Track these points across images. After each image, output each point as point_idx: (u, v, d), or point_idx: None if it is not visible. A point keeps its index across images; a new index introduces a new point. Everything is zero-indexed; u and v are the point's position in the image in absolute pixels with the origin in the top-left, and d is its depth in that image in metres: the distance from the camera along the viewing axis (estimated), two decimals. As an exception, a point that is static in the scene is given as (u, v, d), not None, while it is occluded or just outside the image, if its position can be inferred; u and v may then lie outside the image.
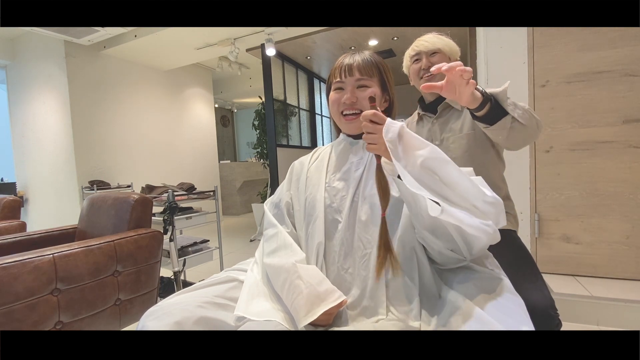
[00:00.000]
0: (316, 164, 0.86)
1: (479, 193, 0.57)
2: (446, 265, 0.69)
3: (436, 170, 0.57)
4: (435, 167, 0.57)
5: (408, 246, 0.68)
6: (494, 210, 0.58)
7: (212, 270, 2.18)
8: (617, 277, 1.71)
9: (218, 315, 0.65)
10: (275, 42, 3.34)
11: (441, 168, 0.57)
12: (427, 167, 0.57)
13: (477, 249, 0.63)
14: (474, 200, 0.57)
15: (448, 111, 1.10)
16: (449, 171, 0.57)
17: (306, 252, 0.76)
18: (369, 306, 0.67)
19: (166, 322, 0.59)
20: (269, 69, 3.75)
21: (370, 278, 0.68)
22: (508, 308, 0.56)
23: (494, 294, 0.59)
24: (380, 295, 0.66)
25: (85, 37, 3.12)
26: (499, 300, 0.57)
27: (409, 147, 0.58)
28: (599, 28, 1.67)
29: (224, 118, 7.69)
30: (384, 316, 0.65)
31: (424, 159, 0.57)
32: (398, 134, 0.58)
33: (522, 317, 0.55)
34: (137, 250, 1.27)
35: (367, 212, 0.71)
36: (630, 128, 1.66)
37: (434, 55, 1.07)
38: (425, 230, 0.62)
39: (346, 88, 0.76)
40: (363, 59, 0.76)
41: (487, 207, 0.58)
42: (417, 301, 0.65)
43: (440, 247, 0.64)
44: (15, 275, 0.95)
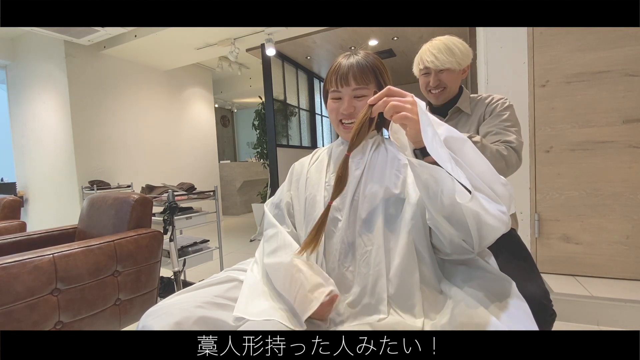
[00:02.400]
0: (316, 165, 0.86)
1: (495, 175, 0.56)
2: (452, 255, 0.67)
3: (455, 151, 0.55)
4: (454, 147, 0.55)
5: (408, 240, 0.68)
6: (507, 194, 0.57)
7: (212, 270, 2.18)
8: (617, 277, 1.71)
9: (218, 315, 0.65)
10: (275, 42, 3.34)
11: (460, 148, 0.55)
12: (448, 147, 0.54)
13: (488, 241, 0.61)
14: (491, 183, 0.55)
15: (457, 115, 1.11)
16: (467, 151, 0.55)
17: None
18: (370, 303, 0.67)
19: (166, 322, 0.59)
20: (269, 69, 3.75)
21: (371, 275, 0.68)
22: (511, 311, 0.55)
23: (498, 296, 0.58)
24: (381, 292, 0.66)
25: (85, 37, 3.12)
26: (503, 304, 0.57)
27: (437, 125, 0.56)
28: (599, 28, 1.67)
29: (224, 118, 7.69)
30: (385, 314, 0.65)
31: (444, 138, 0.54)
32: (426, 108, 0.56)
33: (526, 321, 0.54)
34: (137, 250, 1.27)
35: (368, 210, 0.71)
36: (630, 128, 1.66)
37: (443, 72, 1.06)
38: (441, 216, 0.60)
39: (343, 98, 0.76)
40: (359, 65, 0.74)
41: (503, 190, 0.56)
42: (419, 298, 0.65)
43: (453, 236, 0.62)
44: (15, 275, 0.95)
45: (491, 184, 0.55)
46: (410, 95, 0.59)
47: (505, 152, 0.93)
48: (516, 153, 0.95)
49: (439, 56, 1.03)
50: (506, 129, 0.99)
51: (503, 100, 1.06)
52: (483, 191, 0.54)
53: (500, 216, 0.54)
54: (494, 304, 0.56)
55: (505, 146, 0.94)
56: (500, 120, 1.01)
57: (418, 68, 1.11)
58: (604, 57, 1.68)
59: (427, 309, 0.64)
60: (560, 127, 1.77)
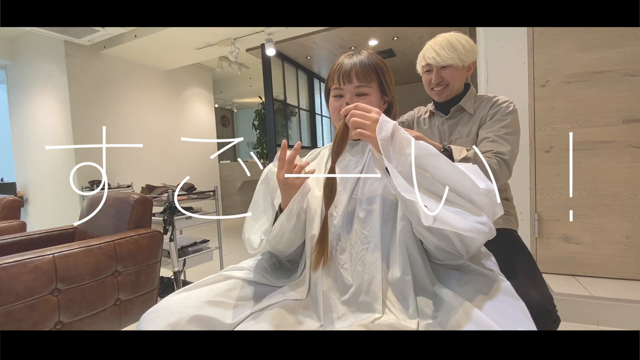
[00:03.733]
0: (316, 161, 0.87)
1: (473, 186, 0.56)
2: (443, 260, 0.69)
3: (427, 168, 0.56)
4: (425, 164, 0.57)
5: (400, 241, 0.68)
6: (489, 202, 0.58)
7: (212, 270, 2.18)
8: (617, 277, 1.71)
9: (213, 313, 0.64)
10: (275, 42, 3.34)
11: (432, 164, 0.57)
12: (418, 165, 0.56)
13: (474, 248, 0.64)
14: (469, 195, 0.56)
15: (459, 113, 1.10)
16: (440, 166, 0.57)
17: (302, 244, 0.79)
18: (365, 302, 0.67)
19: (166, 323, 0.59)
20: (269, 69, 3.75)
21: (367, 274, 0.68)
22: (506, 311, 0.55)
23: (492, 297, 0.58)
24: (376, 291, 0.67)
25: (85, 37, 3.12)
26: (497, 303, 0.57)
27: (401, 146, 0.57)
28: (599, 28, 1.67)
29: (224, 118, 7.69)
30: (380, 313, 0.65)
31: (414, 157, 0.56)
32: (391, 132, 0.57)
33: (521, 319, 0.54)
34: (137, 250, 1.27)
35: (366, 209, 0.72)
36: (630, 128, 1.66)
37: (445, 69, 1.04)
38: (421, 227, 0.62)
39: (345, 95, 0.76)
40: (361, 63, 0.75)
41: (482, 200, 0.57)
42: (413, 297, 0.65)
43: (437, 245, 0.64)
44: (15, 275, 0.95)
45: (470, 196, 0.57)
46: (376, 111, 0.61)
47: (496, 167, 0.91)
48: (507, 167, 0.93)
49: (441, 52, 1.01)
50: (503, 137, 0.96)
51: (508, 104, 1.02)
52: (460, 205, 0.56)
53: (477, 228, 0.55)
54: (489, 305, 0.56)
55: (498, 159, 0.92)
56: (500, 126, 0.98)
57: (420, 65, 1.10)
58: (604, 57, 1.68)
59: (422, 310, 0.64)
60: (560, 127, 1.77)
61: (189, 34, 3.20)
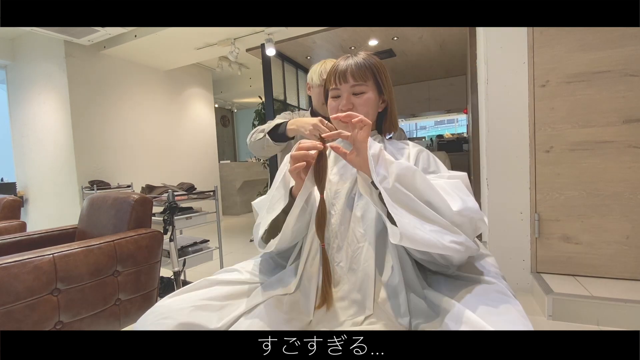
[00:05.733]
0: None
1: (447, 207, 0.58)
2: (432, 267, 0.70)
3: (409, 188, 0.58)
4: (407, 183, 0.58)
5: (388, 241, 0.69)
6: (466, 220, 0.60)
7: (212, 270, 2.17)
8: (617, 277, 1.71)
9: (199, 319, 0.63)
10: (275, 42, 3.34)
11: (411, 183, 0.58)
12: (401, 183, 0.58)
13: (457, 262, 0.65)
14: (446, 214, 0.58)
15: None
16: (418, 185, 0.58)
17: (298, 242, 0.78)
18: (357, 299, 0.68)
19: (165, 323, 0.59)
20: (269, 69, 3.75)
21: (360, 272, 0.69)
22: (499, 310, 0.55)
23: (484, 297, 0.59)
24: (369, 289, 0.67)
25: (85, 37, 3.12)
26: (489, 302, 0.57)
27: (385, 165, 0.59)
28: (599, 28, 1.67)
29: (224, 118, 7.69)
30: (371, 311, 0.66)
31: (395, 176, 0.57)
32: (379, 149, 0.60)
33: (516, 319, 0.54)
34: (137, 250, 1.27)
35: (363, 208, 0.72)
36: (630, 128, 1.66)
37: None
38: None
39: (342, 95, 0.77)
40: (356, 63, 0.76)
41: (458, 219, 0.59)
42: (405, 297, 0.65)
43: (420, 258, 0.66)
44: (15, 275, 0.95)
45: (446, 215, 0.58)
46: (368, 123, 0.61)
47: None
48: None
49: None
50: None
51: None
52: (437, 223, 0.57)
53: (450, 247, 0.57)
54: (482, 305, 0.56)
55: None
56: None
57: None
58: (604, 57, 1.68)
59: (413, 310, 0.65)
60: (560, 127, 1.77)
61: (189, 34, 3.20)
